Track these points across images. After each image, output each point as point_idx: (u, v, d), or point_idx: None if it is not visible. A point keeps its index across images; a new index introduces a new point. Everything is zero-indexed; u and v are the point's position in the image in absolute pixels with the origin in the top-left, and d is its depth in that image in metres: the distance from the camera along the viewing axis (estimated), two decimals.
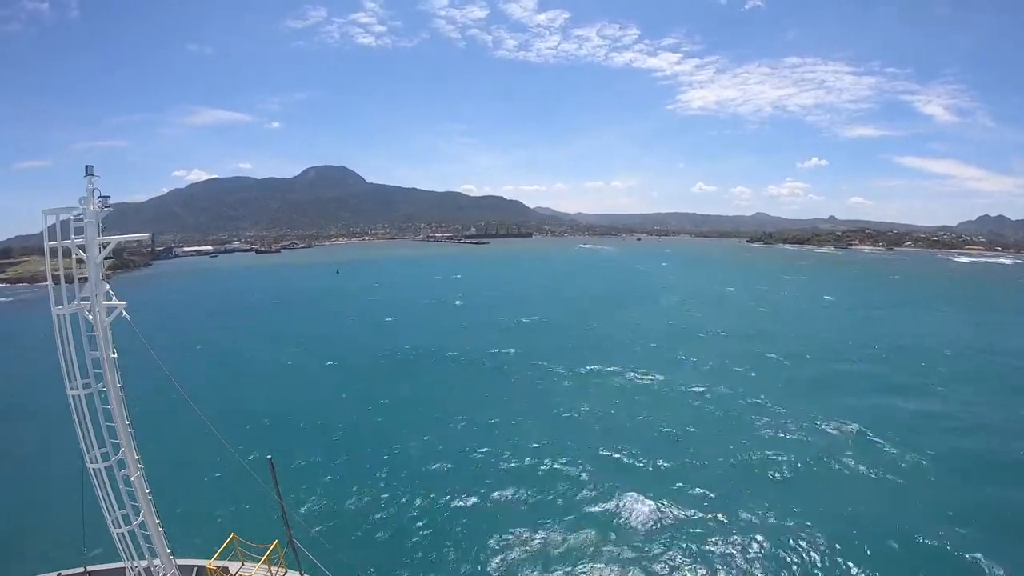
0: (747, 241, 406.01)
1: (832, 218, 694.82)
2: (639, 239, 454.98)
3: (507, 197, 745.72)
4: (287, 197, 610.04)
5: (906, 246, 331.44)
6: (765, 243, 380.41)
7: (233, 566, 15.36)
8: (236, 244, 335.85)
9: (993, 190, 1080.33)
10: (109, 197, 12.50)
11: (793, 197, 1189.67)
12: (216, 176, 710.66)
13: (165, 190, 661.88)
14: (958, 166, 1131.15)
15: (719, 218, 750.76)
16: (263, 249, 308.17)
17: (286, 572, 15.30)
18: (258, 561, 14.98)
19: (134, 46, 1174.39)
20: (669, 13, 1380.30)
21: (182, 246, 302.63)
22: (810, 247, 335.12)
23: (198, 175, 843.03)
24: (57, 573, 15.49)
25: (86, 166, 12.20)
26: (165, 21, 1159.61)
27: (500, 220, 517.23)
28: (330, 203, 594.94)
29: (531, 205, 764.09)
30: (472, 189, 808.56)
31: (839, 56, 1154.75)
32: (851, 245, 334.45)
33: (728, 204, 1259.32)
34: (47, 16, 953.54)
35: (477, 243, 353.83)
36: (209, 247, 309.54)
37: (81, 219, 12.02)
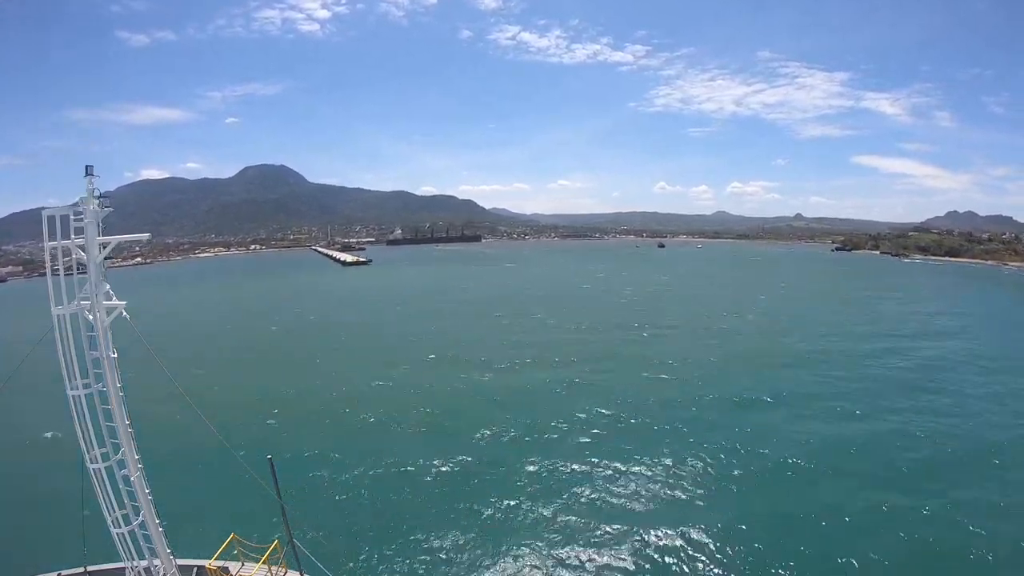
0: (838, 249, 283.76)
1: (799, 216, 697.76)
2: (638, 245, 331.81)
3: (461, 197, 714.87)
4: (221, 199, 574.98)
5: None
6: (881, 251, 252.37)
7: (233, 566, 15.36)
8: None
9: (948, 187, 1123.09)
10: (109, 197, 12.51)
11: (753, 196, 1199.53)
12: (149, 178, 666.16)
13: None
14: (915, 164, 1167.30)
15: (680, 217, 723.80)
16: None
17: (286, 572, 15.39)
18: (258, 561, 15.02)
19: (59, 32, 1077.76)
20: (636, 6, 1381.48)
21: None
22: (976, 262, 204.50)
23: (149, 175, 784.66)
24: (57, 573, 15.22)
25: (86, 166, 12.26)
26: (94, 7, 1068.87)
27: (448, 221, 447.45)
28: (267, 205, 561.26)
29: (488, 206, 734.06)
30: (431, 190, 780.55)
31: (811, 52, 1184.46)
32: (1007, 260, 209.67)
33: (688, 203, 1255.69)
34: None
35: (366, 261, 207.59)
36: None
37: (81, 219, 12.00)
